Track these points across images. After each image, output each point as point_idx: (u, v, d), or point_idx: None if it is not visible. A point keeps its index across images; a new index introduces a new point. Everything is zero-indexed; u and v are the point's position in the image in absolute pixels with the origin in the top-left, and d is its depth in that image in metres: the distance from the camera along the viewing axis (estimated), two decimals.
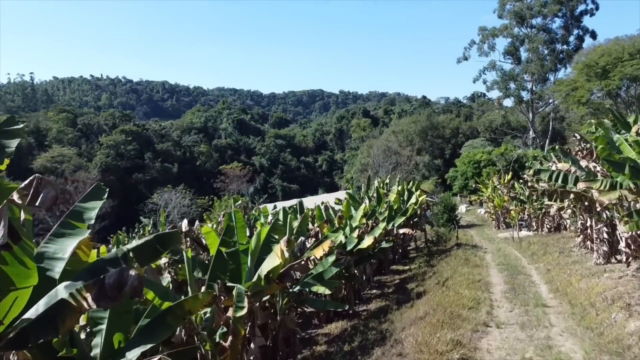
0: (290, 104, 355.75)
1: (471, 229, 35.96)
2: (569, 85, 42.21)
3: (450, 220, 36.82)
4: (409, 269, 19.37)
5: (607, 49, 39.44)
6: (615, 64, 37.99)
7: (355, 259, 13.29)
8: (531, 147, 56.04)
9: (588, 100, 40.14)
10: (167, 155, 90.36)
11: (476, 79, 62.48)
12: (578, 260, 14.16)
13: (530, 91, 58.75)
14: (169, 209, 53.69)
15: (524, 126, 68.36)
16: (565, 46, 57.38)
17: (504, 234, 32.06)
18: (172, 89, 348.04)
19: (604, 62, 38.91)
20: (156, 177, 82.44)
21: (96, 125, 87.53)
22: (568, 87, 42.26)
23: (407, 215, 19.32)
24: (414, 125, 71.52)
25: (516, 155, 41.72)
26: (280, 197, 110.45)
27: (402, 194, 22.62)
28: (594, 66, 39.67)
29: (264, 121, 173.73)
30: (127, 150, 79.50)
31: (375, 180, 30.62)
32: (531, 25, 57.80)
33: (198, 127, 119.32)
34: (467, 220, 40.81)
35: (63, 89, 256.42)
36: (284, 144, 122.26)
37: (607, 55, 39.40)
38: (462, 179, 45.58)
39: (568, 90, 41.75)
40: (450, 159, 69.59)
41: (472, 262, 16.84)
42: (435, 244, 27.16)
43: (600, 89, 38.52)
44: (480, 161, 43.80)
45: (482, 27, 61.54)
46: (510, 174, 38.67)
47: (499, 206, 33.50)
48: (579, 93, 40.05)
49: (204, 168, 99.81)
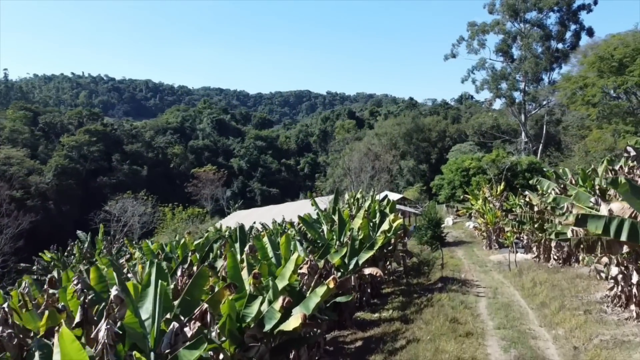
0: (276, 104, 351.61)
1: (459, 248, 31.34)
2: (576, 83, 36.58)
3: (435, 237, 32.22)
4: (379, 319, 14.51)
5: (623, 39, 33.71)
6: (634, 57, 32.33)
7: (275, 347, 8.40)
8: (523, 152, 51.76)
9: (600, 101, 34.53)
10: (137, 157, 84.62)
11: (465, 78, 58.11)
12: (623, 339, 9.39)
13: (523, 92, 54.41)
14: (126, 218, 48.25)
15: (515, 129, 64.17)
16: (560, 44, 53.24)
17: (497, 256, 27.43)
18: (155, 87, 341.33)
19: (620, 54, 33.21)
20: (123, 180, 76.76)
21: (59, 124, 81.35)
22: (575, 84, 36.73)
23: (375, 249, 14.49)
24: (398, 128, 66.93)
25: (509, 163, 37.21)
26: (259, 201, 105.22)
27: (372, 217, 17.81)
28: (608, 59, 33.82)
29: (246, 122, 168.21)
30: (91, 151, 73.57)
31: (347, 194, 25.77)
32: (525, 20, 53.46)
33: (174, 127, 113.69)
34: (454, 235, 36.17)
35: (39, 86, 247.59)
36: (265, 146, 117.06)
37: (625, 46, 33.68)
38: (449, 188, 40.96)
39: (575, 88, 36.32)
40: (437, 164, 65.07)
41: (462, 322, 12.06)
42: (416, 273, 22.46)
43: (616, 86, 32.88)
44: (469, 168, 39.24)
45: (472, 22, 57.23)
46: (502, 184, 34.15)
47: (491, 223, 28.89)
48: (590, 92, 34.34)
49: (178, 171, 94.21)
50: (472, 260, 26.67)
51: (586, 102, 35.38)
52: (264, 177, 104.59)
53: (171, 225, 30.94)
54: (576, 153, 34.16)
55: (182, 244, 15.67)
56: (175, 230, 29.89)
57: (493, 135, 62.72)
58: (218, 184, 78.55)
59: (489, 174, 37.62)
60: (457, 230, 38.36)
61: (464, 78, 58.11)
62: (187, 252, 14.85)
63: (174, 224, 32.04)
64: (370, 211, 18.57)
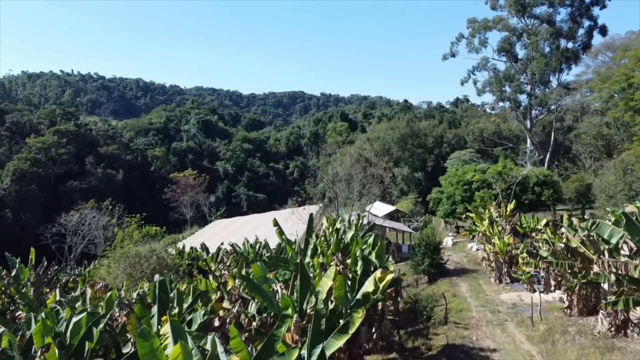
0: (270, 105, 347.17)
1: (462, 279, 26.30)
2: (618, 83, 29.03)
3: (433, 265, 27.18)
4: None
5: None
6: None
7: None
8: (529, 161, 46.83)
9: None
10: (113, 159, 78.94)
11: (465, 80, 53.04)
12: None
13: (529, 95, 49.42)
14: (84, 231, 42.79)
15: (517, 135, 59.29)
16: (570, 43, 48.29)
17: (510, 295, 22.45)
18: (146, 86, 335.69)
19: None
20: (96, 185, 71.14)
21: (28, 124, 75.55)
22: (617, 84, 29.11)
23: (350, 332, 9.39)
24: (392, 132, 61.88)
25: (520, 178, 32.19)
26: (244, 207, 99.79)
27: (352, 265, 12.73)
28: None
29: (236, 123, 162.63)
30: (60, 154, 67.88)
31: (324, 220, 20.66)
32: (533, 16, 48.54)
33: (157, 128, 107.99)
34: (455, 260, 31.11)
35: (23, 84, 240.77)
36: (253, 149, 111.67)
37: None
38: (449, 203, 35.91)
39: (617, 89, 30.04)
40: (433, 172, 60.12)
41: None
42: (411, 322, 17.53)
43: None
44: (472, 182, 34.24)
45: (472, 18, 52.27)
46: (513, 203, 29.17)
47: (502, 252, 23.89)
48: (638, 95, 27.27)
49: (159, 174, 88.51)
50: (480, 301, 21.66)
51: (630, 107, 28.72)
52: (251, 182, 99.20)
53: (119, 250, 25.66)
54: (611, 171, 28.50)
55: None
56: (125, 255, 24.66)
57: (494, 142, 57.84)
58: (199, 189, 73.21)
59: (495, 189, 32.63)
60: (457, 252, 33.32)
61: (464, 79, 53.16)
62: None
63: (128, 243, 26.78)
64: (349, 254, 13.53)
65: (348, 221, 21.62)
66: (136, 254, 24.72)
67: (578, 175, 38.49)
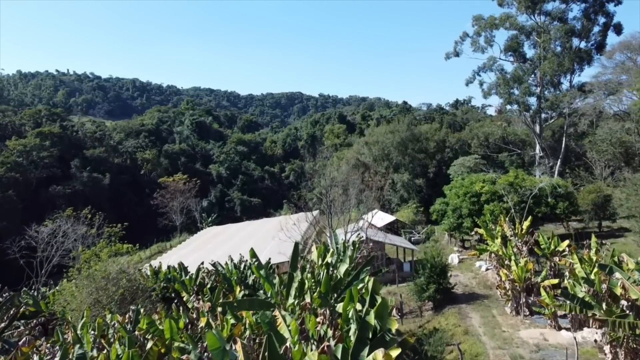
0: (268, 106, 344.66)
1: (472, 308, 23.08)
2: None
3: (439, 290, 23.98)
4: None
5: None
6: None
7: None
8: (538, 169, 43.55)
9: None
10: (100, 162, 75.53)
11: (470, 80, 49.69)
12: None
13: (539, 97, 46.16)
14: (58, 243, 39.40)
15: (523, 140, 56.01)
16: (584, 42, 45.04)
17: (532, 332, 19.27)
18: (142, 87, 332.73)
19: None
20: (81, 190, 67.76)
21: (10, 125, 72.17)
22: None
23: None
24: (392, 136, 58.57)
25: (537, 190, 28.93)
26: (238, 212, 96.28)
27: (344, 323, 9.51)
28: None
29: (232, 124, 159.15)
30: (42, 157, 64.48)
31: (313, 248, 17.38)
32: (544, 13, 45.29)
33: (149, 130, 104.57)
34: (463, 282, 27.88)
35: (15, 83, 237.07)
36: (247, 151, 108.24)
37: None
38: (454, 217, 32.64)
39: None
40: (435, 179, 56.83)
41: None
42: None
43: None
44: (480, 193, 30.99)
45: (478, 15, 49.00)
46: (529, 219, 25.94)
47: (520, 280, 20.68)
48: None
49: (149, 178, 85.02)
50: (497, 341, 18.45)
51: None
52: (245, 186, 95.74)
53: (85, 272, 22.41)
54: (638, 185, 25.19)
55: None
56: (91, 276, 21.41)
57: (498, 147, 54.57)
58: (189, 194, 69.83)
59: (507, 202, 29.38)
60: (465, 272, 30.07)
61: (469, 80, 49.80)
62: None
63: (94, 263, 23.47)
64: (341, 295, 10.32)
65: (343, 245, 18.38)
66: (103, 277, 21.53)
67: (594, 186, 35.29)
